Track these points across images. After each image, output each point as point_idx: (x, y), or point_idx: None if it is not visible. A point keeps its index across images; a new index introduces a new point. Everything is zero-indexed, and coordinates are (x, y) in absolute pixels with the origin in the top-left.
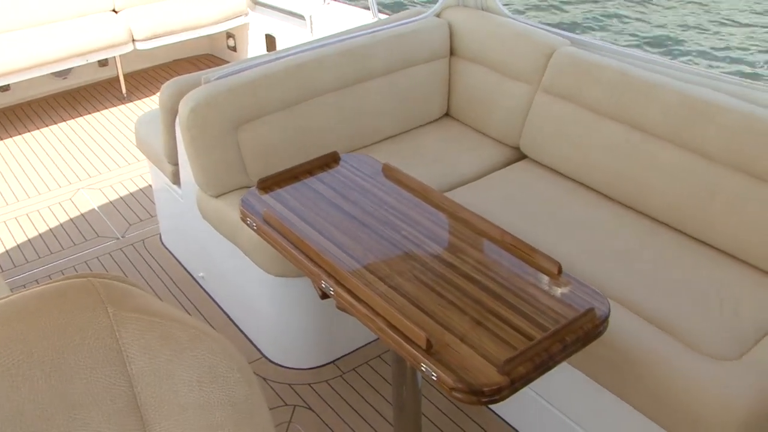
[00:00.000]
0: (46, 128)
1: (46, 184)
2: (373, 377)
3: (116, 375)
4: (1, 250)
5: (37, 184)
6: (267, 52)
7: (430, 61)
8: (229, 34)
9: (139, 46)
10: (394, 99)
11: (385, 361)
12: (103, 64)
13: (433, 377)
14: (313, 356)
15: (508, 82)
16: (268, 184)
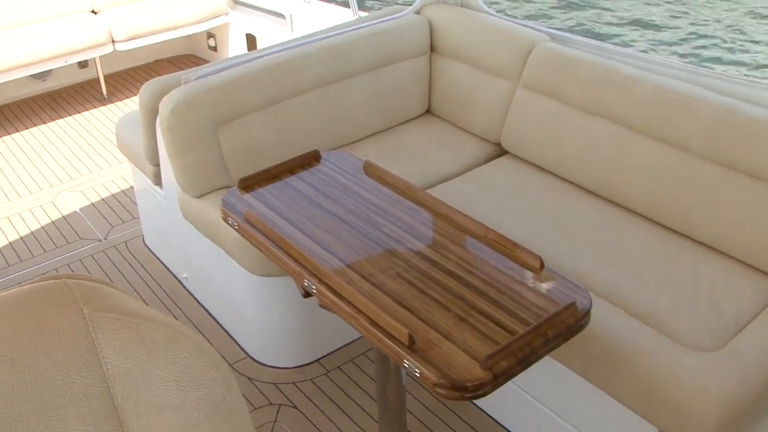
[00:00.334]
0: (26, 131)
1: (27, 187)
2: (357, 375)
3: (92, 375)
4: None
5: (18, 187)
6: (248, 52)
7: (411, 58)
8: (209, 34)
9: (119, 47)
10: (375, 96)
11: (370, 359)
12: (83, 65)
13: (416, 374)
14: (297, 355)
15: (489, 78)
16: (249, 184)
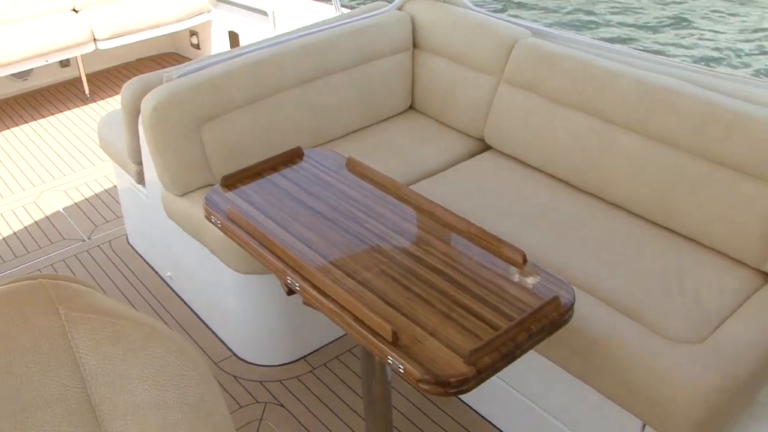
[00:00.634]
0: (8, 131)
1: (9, 188)
2: (343, 372)
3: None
4: None
5: (0, 188)
6: (230, 49)
7: (393, 54)
8: (192, 32)
9: (101, 45)
10: (358, 93)
11: (355, 356)
12: (65, 64)
13: (400, 370)
14: (283, 353)
15: (472, 73)
16: (232, 182)
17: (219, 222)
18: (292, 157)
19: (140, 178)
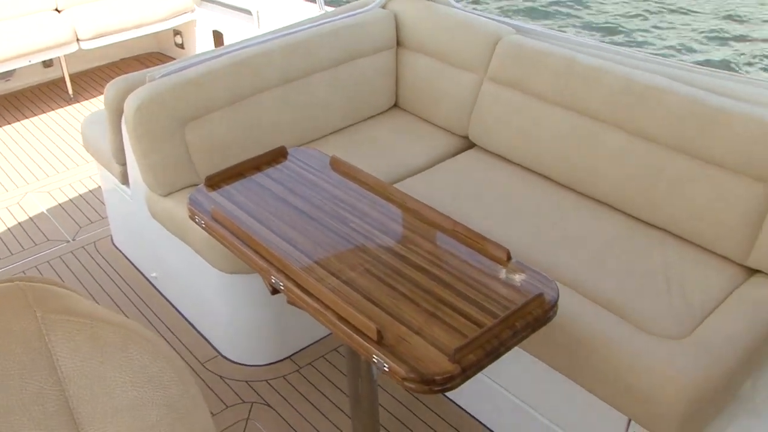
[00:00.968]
0: None
1: None
2: (329, 371)
3: (46, 379)
4: None
5: None
6: (214, 49)
7: (377, 52)
8: (176, 31)
9: (84, 45)
10: (342, 92)
11: (341, 354)
12: (48, 64)
13: (385, 368)
14: (268, 352)
15: (455, 71)
16: (216, 181)
17: (203, 222)
18: (277, 157)
19: (124, 179)
